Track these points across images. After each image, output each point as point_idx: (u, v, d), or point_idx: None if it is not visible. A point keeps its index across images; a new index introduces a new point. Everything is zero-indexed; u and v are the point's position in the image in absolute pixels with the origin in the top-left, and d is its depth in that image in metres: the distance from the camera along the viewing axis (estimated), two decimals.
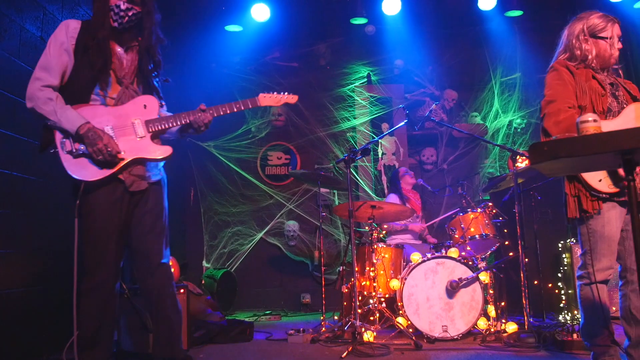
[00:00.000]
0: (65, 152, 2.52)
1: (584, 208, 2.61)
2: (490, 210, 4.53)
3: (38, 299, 3.67)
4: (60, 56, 2.54)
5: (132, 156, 2.57)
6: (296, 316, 6.09)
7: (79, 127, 2.46)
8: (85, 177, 2.51)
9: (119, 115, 2.59)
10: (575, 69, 2.77)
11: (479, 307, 4.05)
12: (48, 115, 2.49)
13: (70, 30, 2.57)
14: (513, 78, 6.64)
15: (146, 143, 2.61)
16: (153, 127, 2.62)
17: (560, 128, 2.60)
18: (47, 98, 2.49)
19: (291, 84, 6.75)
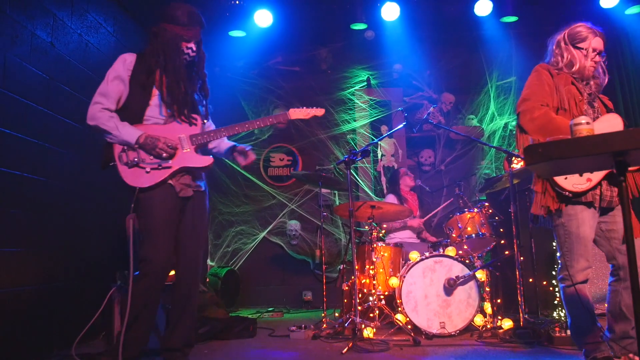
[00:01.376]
0: (122, 163, 2.81)
1: (543, 204, 2.68)
2: (486, 210, 4.53)
3: (48, 296, 3.68)
4: (118, 85, 2.86)
5: (179, 165, 2.87)
6: (298, 313, 6.09)
7: (138, 137, 2.79)
8: (139, 184, 2.79)
9: (168, 131, 2.90)
10: (556, 73, 2.81)
11: (476, 304, 4.06)
12: (111, 130, 2.80)
13: (127, 63, 2.90)
14: (508, 82, 6.64)
15: (190, 155, 2.92)
16: (196, 141, 2.93)
17: (535, 125, 2.66)
18: (109, 116, 2.82)
19: (293, 88, 6.76)
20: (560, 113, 2.73)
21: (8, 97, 3.35)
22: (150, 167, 2.81)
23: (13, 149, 3.39)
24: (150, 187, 2.79)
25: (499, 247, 4.83)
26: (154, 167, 2.81)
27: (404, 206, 4.88)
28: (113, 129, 2.79)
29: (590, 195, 2.64)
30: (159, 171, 2.82)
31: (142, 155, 2.81)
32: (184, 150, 2.90)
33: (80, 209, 4.09)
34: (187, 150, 2.91)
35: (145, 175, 2.80)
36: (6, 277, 3.30)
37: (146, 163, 2.81)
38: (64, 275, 3.88)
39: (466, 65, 6.78)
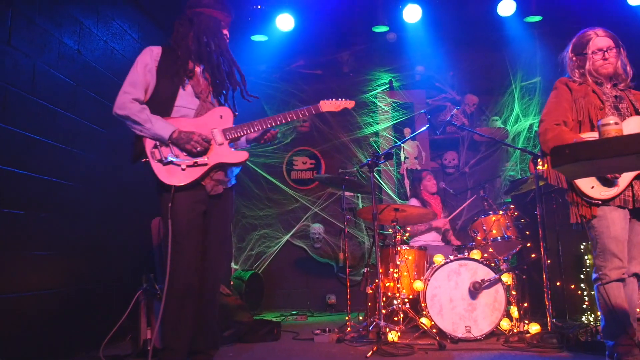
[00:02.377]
0: (155, 160, 2.71)
1: (581, 214, 2.74)
2: (511, 213, 4.47)
3: (76, 299, 3.74)
4: (145, 75, 2.79)
5: (215, 161, 2.76)
6: (322, 316, 6.09)
7: (172, 132, 2.69)
8: (174, 183, 2.69)
9: (199, 125, 2.78)
10: (576, 85, 2.86)
11: (502, 308, 3.99)
12: (143, 122, 2.69)
13: (154, 54, 2.83)
14: (533, 82, 6.55)
15: (225, 149, 2.79)
16: (230, 135, 2.80)
17: (548, 147, 2.74)
18: (141, 108, 2.72)
19: (315, 91, 6.78)
20: (582, 125, 2.79)
21: (37, 103, 3.43)
22: (185, 164, 2.69)
23: (42, 155, 3.46)
24: (186, 185, 2.69)
25: (525, 250, 4.76)
26: (189, 165, 2.70)
27: (428, 209, 4.84)
28: (146, 121, 2.69)
29: (619, 200, 2.67)
30: (195, 168, 2.71)
31: (176, 151, 2.71)
32: (217, 144, 2.79)
33: (106, 213, 4.15)
34: (221, 145, 2.79)
35: (181, 172, 2.69)
36: (36, 279, 3.37)
37: (181, 160, 2.70)
38: (91, 278, 3.94)
39: (489, 66, 6.71)
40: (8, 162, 3.16)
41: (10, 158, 3.17)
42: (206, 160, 2.73)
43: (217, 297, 2.96)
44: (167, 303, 2.68)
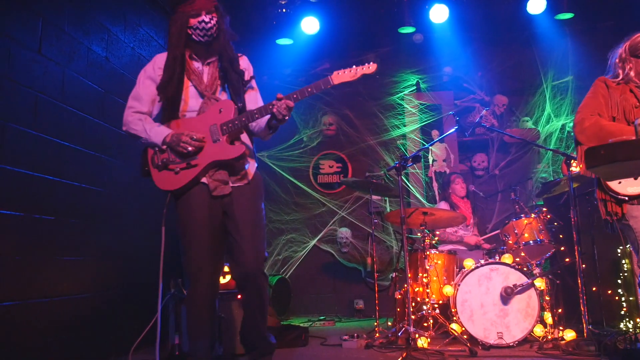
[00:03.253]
0: (154, 167, 2.68)
1: (609, 211, 2.71)
2: (544, 216, 4.39)
3: (105, 304, 3.81)
4: (149, 87, 2.74)
5: (207, 160, 2.61)
6: (350, 322, 6.06)
7: (165, 136, 2.61)
8: (169, 187, 2.65)
9: (198, 124, 2.65)
10: (614, 84, 2.84)
11: (535, 313, 3.92)
12: (139, 133, 2.68)
13: (157, 63, 2.75)
14: (565, 81, 6.42)
15: (221, 146, 2.61)
16: (227, 129, 2.61)
17: (586, 135, 2.72)
18: (137, 119, 2.70)
19: (341, 94, 6.78)
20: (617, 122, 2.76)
21: (66, 110, 3.50)
22: (179, 167, 2.61)
23: (71, 161, 3.54)
24: (181, 189, 2.62)
25: (559, 254, 4.66)
26: (182, 167, 2.61)
27: (457, 212, 4.78)
28: (142, 132, 2.66)
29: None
30: (187, 171, 2.61)
31: (171, 155, 2.63)
32: (214, 141, 2.61)
33: (135, 218, 4.22)
34: (217, 141, 2.61)
35: (174, 177, 2.63)
36: (66, 285, 3.44)
37: (175, 163, 2.62)
38: (120, 283, 4.01)
39: (519, 66, 6.62)
40: (39, 168, 3.24)
41: (40, 164, 3.25)
42: (198, 160, 2.61)
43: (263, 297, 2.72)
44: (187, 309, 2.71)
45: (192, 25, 2.64)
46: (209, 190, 2.63)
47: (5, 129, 3.01)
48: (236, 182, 2.68)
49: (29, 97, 3.20)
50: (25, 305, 3.09)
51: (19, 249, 3.08)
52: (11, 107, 3.06)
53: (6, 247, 2.98)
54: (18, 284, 3.05)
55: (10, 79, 3.05)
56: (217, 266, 2.73)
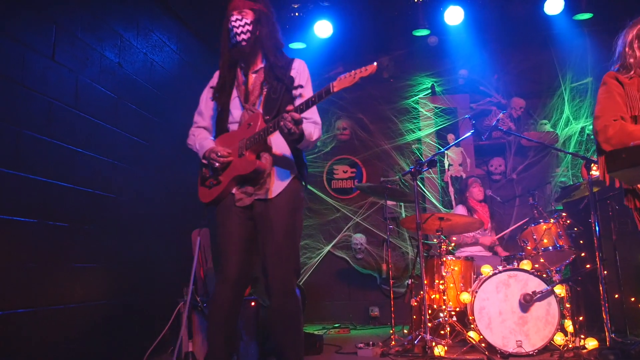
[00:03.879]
0: (200, 180, 2.78)
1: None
2: (564, 221, 4.34)
3: (118, 311, 3.83)
4: (207, 102, 2.83)
5: (230, 177, 2.63)
6: (365, 329, 6.04)
7: (204, 152, 2.68)
8: (204, 200, 2.75)
9: (231, 138, 2.68)
10: (627, 79, 2.67)
11: (555, 321, 3.87)
12: (193, 148, 2.81)
13: (216, 77, 2.80)
14: (584, 83, 6.36)
15: (244, 160, 2.59)
16: (249, 144, 2.59)
17: (612, 145, 2.48)
18: (191, 134, 2.83)
19: (355, 98, 6.78)
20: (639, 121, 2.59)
21: (80, 117, 3.55)
22: (211, 182, 2.71)
23: (85, 167, 3.58)
24: (211, 202, 2.70)
25: (579, 260, 4.61)
26: (213, 183, 2.70)
27: (474, 217, 4.75)
28: (194, 146, 2.79)
29: None
30: (216, 187, 2.70)
31: (206, 171, 2.74)
32: (239, 156, 2.61)
33: (148, 224, 4.25)
34: (242, 156, 2.60)
35: (207, 191, 2.72)
36: (80, 291, 3.48)
37: (208, 178, 2.73)
38: (134, 290, 4.04)
39: (537, 68, 6.57)
40: (53, 175, 3.28)
41: (54, 171, 3.29)
42: (221, 177, 2.68)
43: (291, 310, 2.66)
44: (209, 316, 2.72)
45: (229, 27, 2.63)
46: (234, 200, 2.65)
47: (20, 136, 3.05)
48: (260, 195, 2.62)
49: (43, 104, 3.24)
50: (38, 312, 3.12)
51: (33, 255, 3.12)
52: (26, 114, 3.11)
53: (20, 254, 3.02)
54: (32, 291, 3.09)
55: (24, 85, 3.10)
56: (243, 273, 2.68)
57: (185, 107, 4.89)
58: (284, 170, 2.68)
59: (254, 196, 2.62)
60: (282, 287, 2.59)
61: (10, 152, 2.99)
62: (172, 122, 4.71)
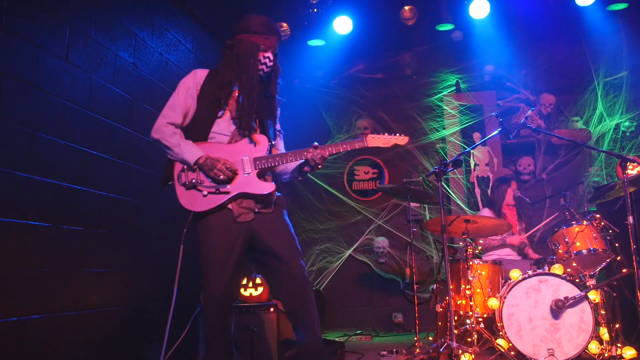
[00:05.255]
0: (180, 184, 2.80)
1: None
2: (597, 223, 4.27)
3: (134, 317, 3.87)
4: (186, 99, 2.89)
5: (237, 191, 2.77)
6: (388, 336, 6.02)
7: (198, 158, 2.75)
8: (194, 208, 2.77)
9: (230, 152, 2.82)
10: None
11: (590, 329, 3.81)
12: (173, 147, 2.81)
13: (197, 78, 2.93)
14: (619, 77, 6.26)
15: (252, 179, 2.80)
16: (260, 165, 2.81)
17: None
18: (172, 132, 2.84)
19: (376, 96, 6.76)
20: None
21: (94, 118, 3.59)
22: (207, 190, 2.76)
23: (99, 170, 3.62)
24: (205, 211, 2.76)
25: (615, 264, 4.52)
26: (211, 191, 2.76)
27: (502, 220, 4.69)
28: (175, 145, 2.80)
29: None
30: (216, 195, 2.76)
31: (201, 177, 2.78)
32: (245, 173, 2.80)
33: (164, 228, 4.28)
34: (248, 174, 2.80)
35: (201, 198, 2.77)
36: (94, 297, 3.51)
37: (204, 186, 2.77)
38: (149, 296, 4.07)
39: (568, 62, 6.50)
40: (67, 178, 3.32)
41: (68, 174, 3.34)
42: (228, 188, 2.77)
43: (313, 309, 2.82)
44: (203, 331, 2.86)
45: (259, 58, 2.86)
46: (232, 216, 2.77)
47: (34, 139, 3.10)
48: (262, 210, 2.83)
49: (57, 106, 3.29)
50: (52, 318, 3.17)
51: (47, 260, 3.16)
52: (39, 117, 3.15)
53: (34, 258, 3.07)
54: (46, 297, 3.13)
55: (38, 87, 3.15)
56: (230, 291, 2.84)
57: None
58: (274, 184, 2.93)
59: (256, 210, 2.81)
60: (303, 272, 2.80)
61: (24, 155, 3.04)
62: None
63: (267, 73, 2.92)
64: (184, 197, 2.78)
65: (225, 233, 2.76)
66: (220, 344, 2.79)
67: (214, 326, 2.78)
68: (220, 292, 2.75)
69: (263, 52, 2.87)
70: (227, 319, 2.82)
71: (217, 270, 2.75)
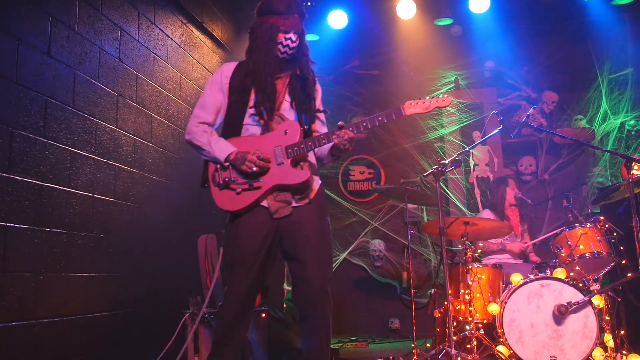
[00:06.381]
0: (214, 184, 2.79)
1: None
2: (601, 225, 4.29)
3: (120, 323, 3.85)
4: (215, 95, 2.88)
5: (271, 183, 2.73)
6: (384, 343, 6.03)
7: (229, 154, 2.74)
8: (229, 208, 2.75)
9: (262, 143, 2.78)
10: None
11: (594, 335, 3.82)
12: (203, 146, 2.80)
13: (224, 71, 2.91)
14: (624, 74, 6.31)
15: (285, 169, 2.74)
16: (292, 153, 2.74)
17: None
18: (202, 131, 2.83)
19: (372, 94, 6.77)
20: None
21: (78, 115, 3.57)
22: (241, 188, 2.72)
23: (84, 170, 3.60)
24: (240, 210, 2.73)
25: (620, 268, 4.54)
26: (244, 188, 2.72)
27: (503, 222, 4.70)
28: (206, 144, 2.79)
29: None
30: (249, 192, 2.72)
31: (234, 174, 2.75)
32: (278, 164, 2.74)
33: (152, 231, 4.26)
34: (281, 164, 2.74)
35: (235, 197, 2.73)
36: (78, 303, 3.49)
37: (237, 183, 2.73)
38: (136, 301, 4.05)
39: (571, 58, 6.55)
40: (49, 178, 3.30)
41: (50, 174, 3.31)
42: (261, 182, 2.72)
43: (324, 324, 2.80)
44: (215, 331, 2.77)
45: (279, 40, 2.82)
46: (269, 213, 2.74)
47: (14, 136, 3.07)
48: (299, 202, 2.78)
49: (39, 103, 3.26)
50: (33, 325, 3.14)
51: (28, 264, 3.13)
52: (20, 113, 3.12)
53: (14, 262, 3.04)
54: (26, 303, 3.10)
55: (19, 83, 3.12)
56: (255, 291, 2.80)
57: (190, 104, 4.92)
58: (315, 176, 2.88)
59: (294, 203, 2.76)
60: (324, 291, 2.74)
61: (4, 154, 3.01)
62: (175, 120, 4.72)
63: (291, 54, 2.86)
64: (219, 198, 2.77)
65: (256, 235, 2.73)
66: (228, 347, 2.73)
67: (226, 327, 2.73)
68: (241, 294, 2.72)
69: (284, 33, 2.82)
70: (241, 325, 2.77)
71: (241, 272, 2.71)
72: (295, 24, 2.84)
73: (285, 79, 2.91)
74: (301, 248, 2.72)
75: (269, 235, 2.74)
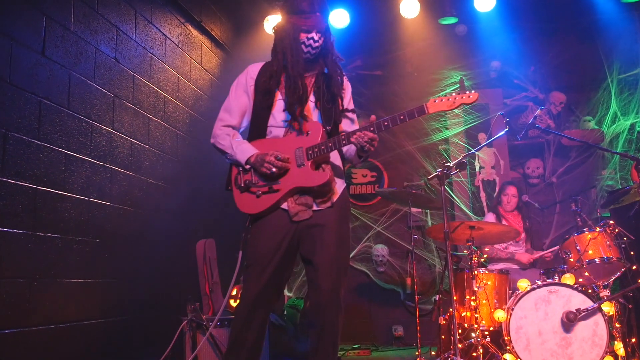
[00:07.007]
0: (236, 187, 2.84)
1: None
2: (611, 229, 4.28)
3: (117, 330, 3.84)
4: (240, 98, 2.94)
5: (290, 186, 2.75)
6: (388, 351, 6.04)
7: (249, 156, 2.78)
8: (249, 211, 2.80)
9: (284, 145, 2.81)
10: None
11: (604, 343, 3.81)
12: (225, 149, 2.86)
13: (250, 73, 2.96)
14: (634, 74, 6.31)
15: (305, 171, 2.75)
16: (313, 154, 2.75)
17: None
18: (225, 134, 2.89)
19: (375, 95, 6.77)
20: None
21: (73, 117, 3.57)
22: (261, 190, 2.75)
23: (79, 173, 3.60)
24: (260, 213, 2.77)
25: (630, 273, 4.53)
26: (264, 190, 2.75)
27: (509, 227, 4.70)
28: (228, 147, 2.84)
29: None
30: (269, 195, 2.75)
31: (254, 177, 2.78)
32: (298, 166, 2.76)
33: (149, 236, 4.26)
34: (301, 166, 2.75)
35: (255, 200, 2.77)
36: (73, 309, 3.49)
37: (258, 186, 2.76)
38: (132, 308, 4.04)
39: (579, 58, 6.55)
40: (43, 181, 3.30)
41: (45, 177, 3.31)
42: (280, 185, 2.75)
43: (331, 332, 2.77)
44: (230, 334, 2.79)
45: (302, 39, 2.84)
46: (289, 216, 2.76)
47: (7, 138, 3.07)
48: (320, 205, 2.79)
49: (33, 104, 3.26)
50: (27, 332, 3.13)
51: (22, 270, 3.13)
52: (13, 115, 3.12)
53: (7, 268, 3.04)
54: (20, 309, 3.10)
55: (12, 84, 3.12)
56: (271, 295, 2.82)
57: (188, 106, 4.92)
58: (338, 179, 2.89)
59: (315, 207, 2.77)
60: (334, 298, 2.73)
61: None
62: (173, 122, 4.72)
63: (314, 54, 2.88)
64: (240, 201, 2.81)
65: (273, 237, 2.75)
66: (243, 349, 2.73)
67: (240, 327, 2.74)
68: (253, 295, 2.73)
69: (305, 33, 2.84)
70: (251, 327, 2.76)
71: (254, 273, 2.74)
72: (317, 23, 2.85)
73: (311, 78, 2.93)
74: (316, 253, 2.73)
75: (286, 238, 2.76)
